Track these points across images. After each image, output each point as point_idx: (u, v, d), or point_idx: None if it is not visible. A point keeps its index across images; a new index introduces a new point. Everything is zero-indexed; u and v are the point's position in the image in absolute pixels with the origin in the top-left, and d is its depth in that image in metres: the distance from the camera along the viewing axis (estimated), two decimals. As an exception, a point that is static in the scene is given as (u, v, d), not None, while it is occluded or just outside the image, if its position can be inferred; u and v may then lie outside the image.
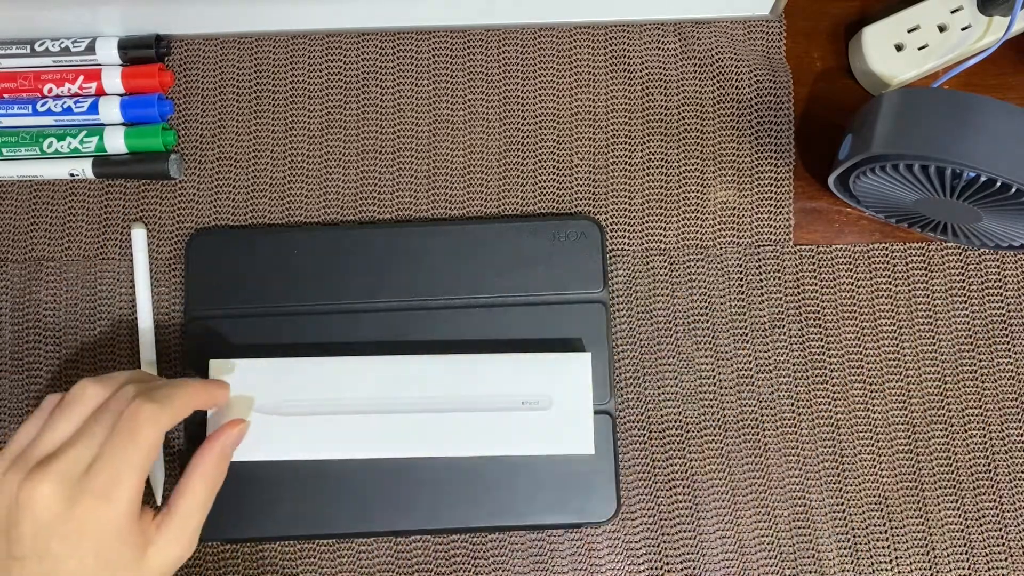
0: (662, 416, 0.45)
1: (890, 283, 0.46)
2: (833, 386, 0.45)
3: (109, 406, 0.37)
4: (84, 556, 0.35)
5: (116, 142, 0.45)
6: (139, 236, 0.45)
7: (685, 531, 0.44)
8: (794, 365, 0.45)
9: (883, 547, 0.44)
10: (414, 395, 0.42)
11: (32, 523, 0.34)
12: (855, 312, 0.46)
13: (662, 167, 0.47)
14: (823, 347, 0.46)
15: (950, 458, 0.45)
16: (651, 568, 0.44)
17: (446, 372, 0.42)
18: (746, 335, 0.45)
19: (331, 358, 0.42)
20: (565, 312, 0.44)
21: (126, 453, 0.35)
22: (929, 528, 0.44)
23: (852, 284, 0.46)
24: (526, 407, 0.42)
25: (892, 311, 0.46)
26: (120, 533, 0.35)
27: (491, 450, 0.42)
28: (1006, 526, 0.44)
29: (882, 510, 0.44)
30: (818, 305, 0.46)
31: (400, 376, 0.42)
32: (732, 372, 0.45)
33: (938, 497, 0.44)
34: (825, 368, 0.45)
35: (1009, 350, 0.46)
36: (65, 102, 0.46)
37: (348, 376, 0.42)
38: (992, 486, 0.44)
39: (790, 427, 0.45)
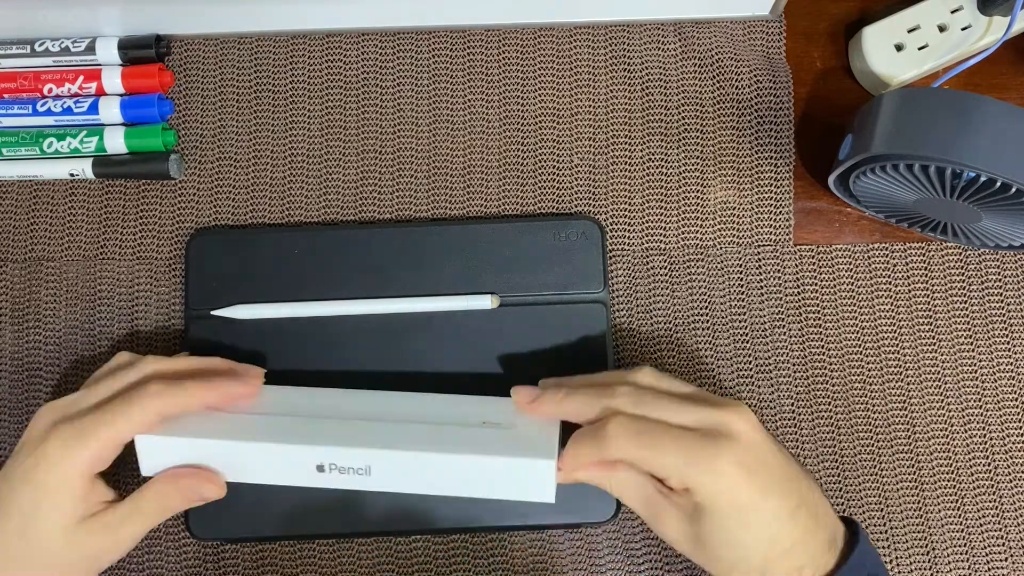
0: (662, 416, 0.45)
1: (890, 283, 0.46)
2: (833, 386, 0.45)
3: (128, 375, 0.39)
4: (31, 490, 0.36)
5: (116, 142, 0.45)
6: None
7: (685, 531, 0.44)
8: (794, 365, 0.45)
9: (883, 547, 0.44)
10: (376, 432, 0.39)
11: (23, 442, 0.37)
12: (855, 312, 0.46)
13: (662, 167, 0.47)
14: (823, 347, 0.46)
15: (950, 458, 0.45)
16: (651, 568, 0.44)
17: (411, 408, 0.40)
18: (746, 335, 0.45)
19: (289, 387, 0.41)
20: (565, 312, 0.44)
21: (117, 416, 0.37)
22: (929, 528, 0.44)
23: (852, 284, 0.46)
24: (487, 426, 0.39)
25: (892, 311, 0.46)
26: (72, 478, 0.36)
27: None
28: (1006, 526, 0.44)
29: (882, 510, 0.44)
30: (818, 305, 0.46)
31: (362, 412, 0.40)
32: (732, 372, 0.45)
33: (938, 497, 0.44)
34: (825, 368, 0.45)
35: (1009, 350, 0.46)
36: (65, 102, 0.46)
37: (307, 409, 0.40)
38: (992, 486, 0.44)
39: (790, 427, 0.45)
